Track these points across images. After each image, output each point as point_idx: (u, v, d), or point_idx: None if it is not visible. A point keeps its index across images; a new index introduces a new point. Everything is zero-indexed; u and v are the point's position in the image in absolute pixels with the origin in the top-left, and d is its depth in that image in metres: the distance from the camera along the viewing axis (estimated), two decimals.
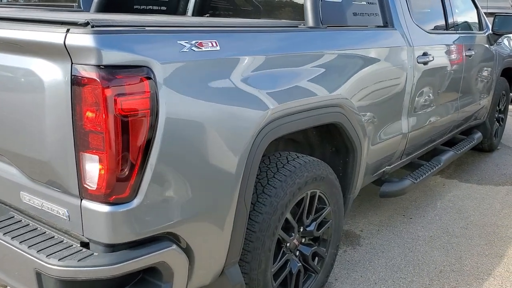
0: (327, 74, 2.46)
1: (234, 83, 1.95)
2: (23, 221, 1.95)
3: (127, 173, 1.64)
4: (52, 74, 1.63)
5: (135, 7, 3.90)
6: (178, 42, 1.75)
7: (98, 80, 1.53)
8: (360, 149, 2.83)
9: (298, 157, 2.49)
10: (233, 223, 2.03)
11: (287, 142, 2.90)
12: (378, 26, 3.08)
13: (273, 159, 2.44)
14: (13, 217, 1.98)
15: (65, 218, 1.76)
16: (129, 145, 1.61)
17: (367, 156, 3.00)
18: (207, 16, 4.16)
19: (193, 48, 1.78)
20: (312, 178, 2.46)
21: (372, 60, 2.84)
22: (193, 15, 4.24)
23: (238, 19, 2.75)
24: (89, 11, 3.73)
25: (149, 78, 1.63)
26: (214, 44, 1.86)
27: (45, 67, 1.64)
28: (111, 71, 1.55)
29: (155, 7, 4.06)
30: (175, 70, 1.71)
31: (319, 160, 2.57)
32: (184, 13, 4.22)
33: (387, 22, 3.15)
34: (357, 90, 2.69)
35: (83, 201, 1.69)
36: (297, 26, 2.52)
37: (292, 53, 2.27)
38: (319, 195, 2.60)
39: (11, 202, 2.00)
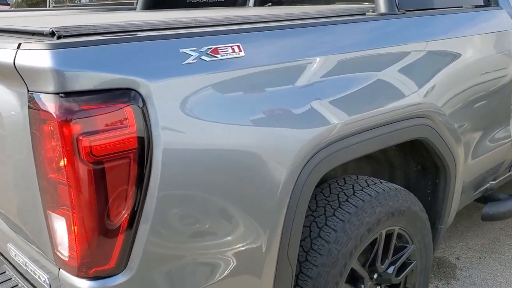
0: (406, 76, 1.85)
1: (268, 98, 1.44)
2: (13, 279, 1.58)
3: (109, 237, 1.19)
4: (10, 105, 1.22)
5: (188, 1, 3.48)
6: (180, 50, 1.25)
7: (54, 114, 1.08)
8: (454, 168, 2.18)
9: (368, 185, 1.91)
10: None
11: (360, 159, 2.32)
12: (477, 6, 2.38)
13: (335, 189, 1.88)
14: (5, 272, 1.62)
15: (46, 286, 1.35)
16: (107, 199, 1.15)
17: (464, 173, 2.34)
18: (269, 6, 3.64)
19: (204, 57, 1.28)
20: (388, 214, 1.87)
21: (470, 52, 2.17)
22: (254, 5, 3.74)
23: (274, 10, 2.19)
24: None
25: (134, 105, 1.16)
26: (236, 49, 1.35)
27: (3, 95, 1.23)
28: (75, 101, 1.10)
29: (211, 0, 3.61)
30: (175, 90, 1.23)
31: (397, 187, 1.97)
32: (244, 4, 3.74)
33: (490, 0, 2.44)
34: (449, 93, 2.04)
35: (60, 271, 1.27)
36: (364, 14, 1.93)
37: (355, 51, 1.69)
38: (398, 233, 2.00)
39: (5, 255, 1.64)
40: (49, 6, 5.59)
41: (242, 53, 1.36)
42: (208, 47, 1.30)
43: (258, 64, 1.40)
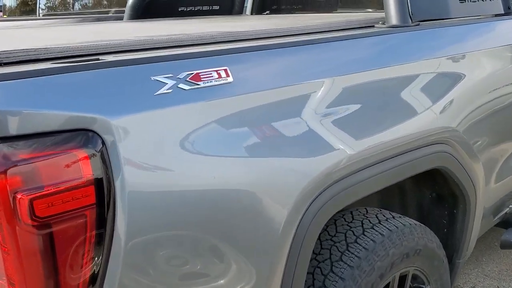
0: (424, 97, 1.62)
1: (263, 130, 1.20)
2: None
3: None
4: None
5: (180, 9, 3.25)
6: (152, 78, 1.02)
7: None
8: (474, 195, 1.94)
9: (380, 221, 1.66)
10: None
11: None
12: (498, 15, 2.15)
13: (341, 227, 1.64)
14: None
15: None
16: (57, 269, 0.91)
17: (486, 198, 2.11)
18: (267, 14, 3.41)
19: (182, 85, 1.04)
20: (402, 255, 1.63)
21: (492, 66, 1.93)
22: (252, 13, 3.52)
23: (271, 22, 1.94)
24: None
25: (91, 149, 0.92)
26: (223, 74, 1.11)
27: None
28: (13, 147, 0.86)
29: (205, 8, 3.38)
30: (145, 127, 0.99)
31: (411, 223, 1.72)
32: (241, 12, 3.51)
33: (511, 7, 2.20)
34: (471, 114, 1.80)
35: None
36: (373, 26, 1.70)
37: (365, 71, 1.45)
38: (413, 274, 1.76)
39: None
40: (38, 15, 5.35)
41: (230, 79, 1.12)
42: (187, 72, 1.06)
43: (250, 91, 1.16)
